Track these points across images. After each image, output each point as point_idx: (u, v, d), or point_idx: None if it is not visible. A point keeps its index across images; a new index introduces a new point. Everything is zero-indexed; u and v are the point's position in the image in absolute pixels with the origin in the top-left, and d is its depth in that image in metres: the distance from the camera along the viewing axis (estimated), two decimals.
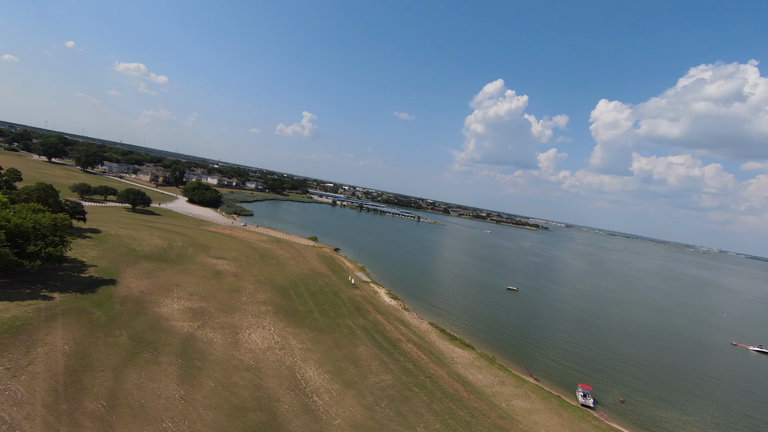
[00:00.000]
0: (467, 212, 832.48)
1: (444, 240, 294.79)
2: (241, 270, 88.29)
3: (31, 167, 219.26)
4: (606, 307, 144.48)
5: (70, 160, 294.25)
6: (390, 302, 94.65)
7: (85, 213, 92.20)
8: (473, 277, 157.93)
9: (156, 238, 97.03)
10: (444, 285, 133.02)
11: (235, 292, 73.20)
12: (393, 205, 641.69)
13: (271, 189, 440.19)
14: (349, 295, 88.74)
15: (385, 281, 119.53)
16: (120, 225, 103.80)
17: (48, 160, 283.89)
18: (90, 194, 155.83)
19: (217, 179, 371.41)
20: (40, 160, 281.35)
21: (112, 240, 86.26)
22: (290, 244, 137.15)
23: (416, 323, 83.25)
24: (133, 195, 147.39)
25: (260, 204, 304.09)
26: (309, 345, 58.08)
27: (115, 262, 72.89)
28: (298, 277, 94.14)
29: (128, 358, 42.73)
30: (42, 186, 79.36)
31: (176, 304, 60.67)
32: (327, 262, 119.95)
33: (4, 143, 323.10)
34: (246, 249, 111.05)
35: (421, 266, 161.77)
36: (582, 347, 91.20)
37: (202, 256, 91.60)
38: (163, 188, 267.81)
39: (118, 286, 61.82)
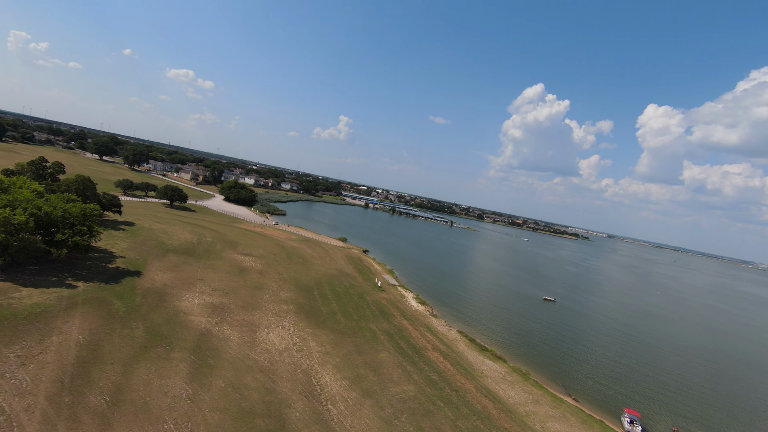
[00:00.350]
0: (502, 219, 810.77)
1: (477, 246, 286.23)
2: (266, 267, 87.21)
3: (83, 164, 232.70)
4: (654, 324, 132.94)
5: (119, 159, 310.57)
6: (417, 307, 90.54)
7: (121, 206, 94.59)
8: (507, 285, 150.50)
9: (187, 232, 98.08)
10: (475, 292, 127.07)
11: (258, 289, 71.75)
12: (426, 209, 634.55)
13: (305, 190, 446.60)
14: (375, 298, 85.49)
15: (414, 285, 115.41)
16: (154, 219, 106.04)
17: (99, 158, 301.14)
18: (132, 190, 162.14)
19: (254, 179, 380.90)
20: (93, 157, 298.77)
21: (144, 233, 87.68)
22: (319, 244, 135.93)
23: (444, 331, 78.69)
24: (171, 191, 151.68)
25: (294, 204, 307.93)
26: (328, 348, 55.19)
27: (143, 254, 73.46)
28: (324, 277, 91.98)
29: (140, 352, 41.40)
30: (80, 178, 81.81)
31: (197, 299, 59.66)
32: (354, 264, 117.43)
33: (62, 142, 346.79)
34: (274, 247, 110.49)
35: (452, 271, 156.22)
36: (627, 367, 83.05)
37: (230, 252, 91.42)
38: (202, 186, 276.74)
39: (142, 278, 61.70)
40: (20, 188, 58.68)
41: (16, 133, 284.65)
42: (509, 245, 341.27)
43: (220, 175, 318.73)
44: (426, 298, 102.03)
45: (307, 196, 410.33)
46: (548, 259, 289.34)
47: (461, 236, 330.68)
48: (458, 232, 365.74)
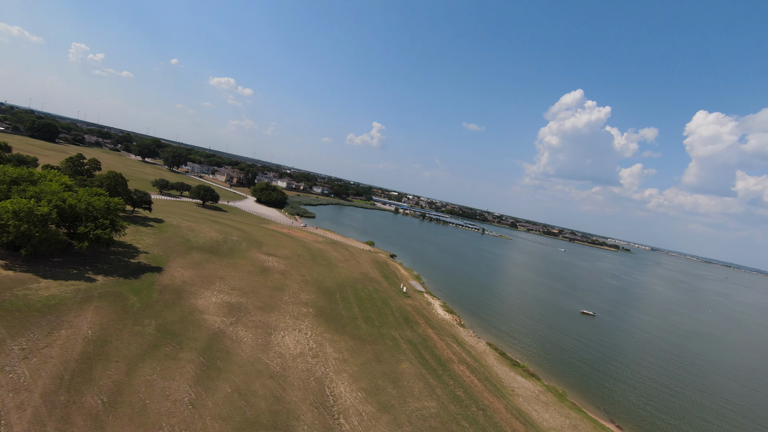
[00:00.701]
0: (537, 228, 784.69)
1: (510, 254, 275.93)
2: (289, 268, 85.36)
3: (125, 164, 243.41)
4: (706, 345, 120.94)
5: (160, 160, 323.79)
6: (444, 315, 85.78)
7: (151, 203, 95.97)
8: (541, 296, 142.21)
9: (213, 231, 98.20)
10: (507, 302, 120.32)
11: (279, 290, 69.65)
12: (457, 216, 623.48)
13: (336, 194, 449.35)
14: (399, 304, 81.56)
15: (441, 293, 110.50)
16: (184, 217, 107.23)
17: (142, 160, 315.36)
18: (168, 189, 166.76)
19: (287, 183, 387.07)
20: (136, 159, 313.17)
21: (171, 230, 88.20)
22: (345, 247, 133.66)
23: (472, 342, 73.58)
24: (203, 191, 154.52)
25: (324, 208, 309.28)
26: (346, 355, 51.83)
27: (167, 250, 73.27)
28: (347, 280, 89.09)
29: (148, 350, 39.61)
30: (112, 174, 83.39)
31: (215, 297, 58.06)
32: (380, 268, 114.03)
33: (110, 144, 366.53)
34: (299, 248, 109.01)
35: (482, 280, 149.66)
36: (678, 393, 74.55)
37: (254, 252, 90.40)
38: (236, 188, 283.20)
39: (162, 274, 60.92)
40: (50, 181, 59.59)
41: (68, 135, 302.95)
42: (544, 255, 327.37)
43: (253, 178, 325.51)
44: (453, 307, 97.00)
45: (337, 200, 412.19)
46: (586, 270, 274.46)
47: (493, 244, 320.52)
48: (490, 240, 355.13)
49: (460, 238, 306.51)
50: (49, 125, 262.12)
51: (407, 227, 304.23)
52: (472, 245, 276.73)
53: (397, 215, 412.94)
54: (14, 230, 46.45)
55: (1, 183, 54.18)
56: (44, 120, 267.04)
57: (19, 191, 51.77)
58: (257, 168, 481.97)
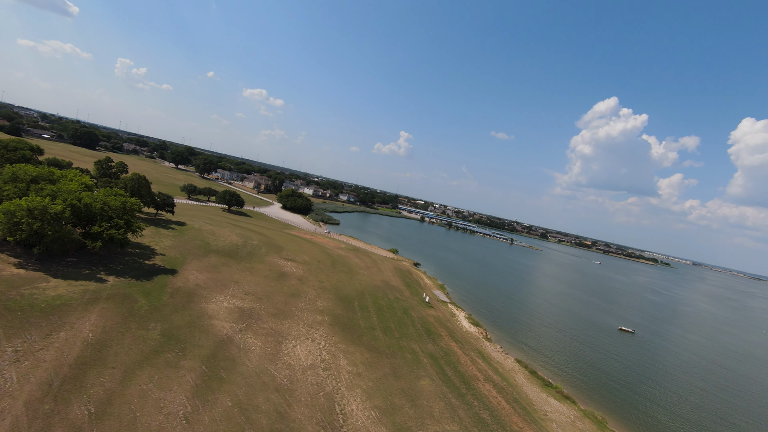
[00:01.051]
0: (568, 239, 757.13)
1: (540, 266, 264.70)
2: (307, 274, 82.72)
3: (159, 170, 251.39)
4: (763, 369, 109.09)
5: (192, 167, 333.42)
6: (469, 328, 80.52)
7: (174, 206, 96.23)
8: (575, 310, 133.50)
9: (234, 235, 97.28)
10: (537, 316, 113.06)
11: (294, 296, 66.87)
12: (485, 225, 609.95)
13: (361, 202, 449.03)
14: (421, 315, 77.09)
15: (466, 304, 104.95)
16: (206, 221, 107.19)
17: (175, 166, 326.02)
18: (195, 194, 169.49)
19: (313, 190, 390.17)
20: (169, 166, 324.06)
21: (191, 233, 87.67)
22: (367, 254, 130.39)
23: (499, 358, 68.08)
24: (229, 196, 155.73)
25: (349, 215, 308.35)
26: (361, 368, 48.01)
27: (184, 253, 72.18)
28: (367, 288, 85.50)
29: (148, 357, 37.27)
30: (135, 176, 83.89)
31: (227, 302, 55.78)
32: (403, 276, 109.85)
33: (146, 152, 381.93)
34: (320, 254, 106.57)
35: (510, 291, 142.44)
36: (733, 425, 66.04)
37: (273, 257, 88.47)
38: (263, 195, 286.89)
39: (176, 277, 59.37)
40: (70, 181, 59.58)
41: (108, 143, 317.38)
42: (577, 267, 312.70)
43: (280, 185, 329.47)
44: (479, 319, 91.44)
45: (363, 207, 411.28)
46: (623, 284, 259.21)
47: (522, 255, 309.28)
48: (519, 251, 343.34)
49: (488, 248, 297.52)
50: (90, 133, 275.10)
51: (433, 236, 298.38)
52: (500, 255, 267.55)
53: (423, 224, 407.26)
54: (27, 228, 45.80)
55: (20, 182, 54.38)
56: (86, 129, 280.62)
57: (36, 190, 51.57)
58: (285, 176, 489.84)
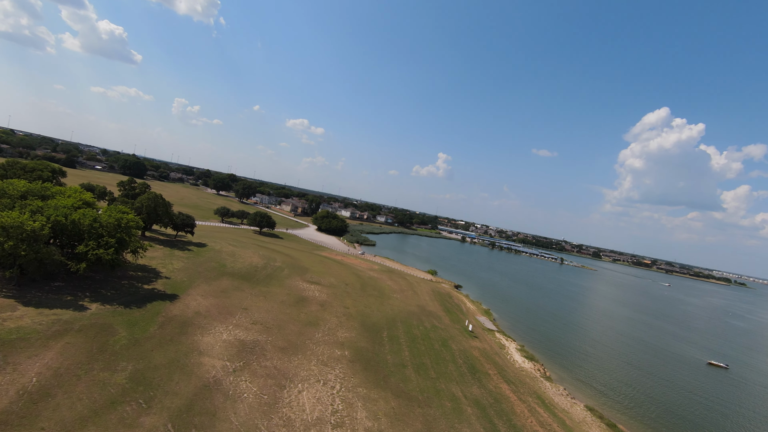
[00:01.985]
0: (624, 258, 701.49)
1: (598, 288, 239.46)
2: (332, 299, 73.08)
3: (200, 196, 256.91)
4: None
5: (233, 193, 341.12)
6: (522, 363, 66.73)
7: (194, 227, 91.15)
8: (648, 339, 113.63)
9: (257, 256, 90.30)
10: (603, 347, 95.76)
11: (312, 325, 57.16)
12: (530, 245, 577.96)
13: (399, 223, 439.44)
14: (463, 347, 64.58)
15: (517, 332, 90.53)
16: (230, 242, 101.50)
17: (216, 192, 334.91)
18: (229, 217, 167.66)
19: (350, 212, 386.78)
20: (211, 192, 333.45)
21: (209, 254, 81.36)
22: (403, 276, 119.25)
23: (564, 404, 54.04)
24: (260, 218, 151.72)
25: (386, 236, 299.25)
26: (384, 424, 36.83)
27: (193, 276, 65.08)
28: (400, 314, 74.33)
29: (99, 411, 28.53)
30: (152, 196, 79.53)
31: (227, 333, 46.98)
32: (441, 300, 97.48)
33: (192, 180, 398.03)
34: (349, 276, 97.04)
35: (567, 317, 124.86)
36: None
37: (295, 279, 79.93)
38: (299, 218, 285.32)
39: (174, 303, 51.70)
40: (69, 197, 54.67)
41: (155, 172, 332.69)
42: (641, 289, 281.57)
43: (317, 207, 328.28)
44: (534, 351, 77.09)
45: (401, 228, 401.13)
46: (698, 308, 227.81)
47: (575, 275, 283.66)
48: (571, 271, 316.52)
49: (536, 269, 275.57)
50: (138, 164, 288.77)
51: (475, 256, 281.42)
52: (551, 276, 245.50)
53: (464, 244, 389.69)
54: None
55: (5, 197, 49.78)
56: (134, 159, 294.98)
57: (22, 206, 46.36)
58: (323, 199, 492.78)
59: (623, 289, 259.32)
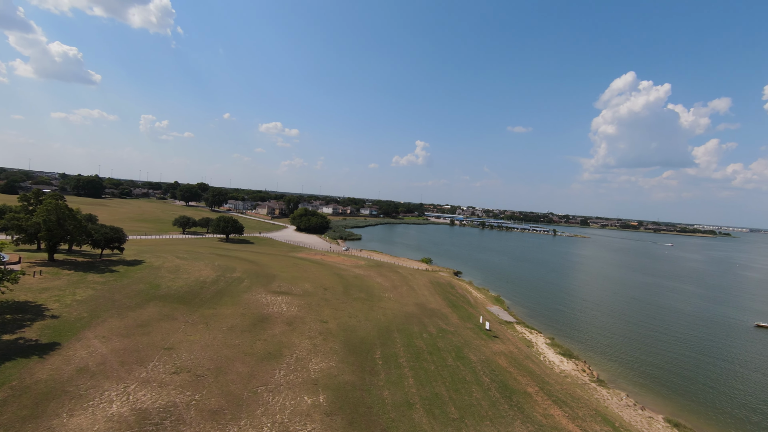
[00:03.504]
0: (611, 223, 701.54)
1: (601, 255, 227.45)
2: (304, 312, 55.71)
3: (164, 209, 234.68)
4: None
5: (203, 203, 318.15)
6: (561, 364, 50.85)
7: (123, 241, 72.33)
8: (680, 307, 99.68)
9: (208, 268, 72.08)
10: (636, 324, 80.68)
11: (271, 359, 39.76)
12: (519, 221, 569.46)
13: (385, 214, 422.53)
14: (485, 355, 48.20)
15: (539, 320, 74.94)
16: (178, 255, 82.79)
17: (185, 204, 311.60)
18: (190, 227, 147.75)
19: (333, 208, 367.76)
20: (180, 204, 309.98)
21: (139, 274, 62.76)
22: (394, 269, 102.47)
23: (639, 422, 38.40)
24: (224, 224, 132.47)
25: (372, 228, 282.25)
26: None
27: (100, 308, 46.71)
28: (396, 319, 57.53)
29: None
30: (53, 206, 60.01)
31: (121, 401, 29.20)
32: (443, 293, 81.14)
33: (159, 194, 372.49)
34: (328, 278, 79.71)
35: (583, 292, 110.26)
36: None
37: (256, 292, 62.17)
38: (277, 220, 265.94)
39: (47, 358, 33.61)
40: None
41: (116, 190, 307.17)
42: (643, 251, 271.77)
43: (296, 207, 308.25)
44: (568, 343, 61.48)
45: (387, 219, 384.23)
46: (703, 263, 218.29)
47: (572, 245, 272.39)
48: (565, 241, 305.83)
49: (532, 243, 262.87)
50: (93, 182, 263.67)
51: (467, 238, 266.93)
52: (549, 249, 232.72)
53: (453, 227, 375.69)
54: None
55: None
56: (88, 178, 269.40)
57: None
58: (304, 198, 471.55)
59: (626, 253, 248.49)
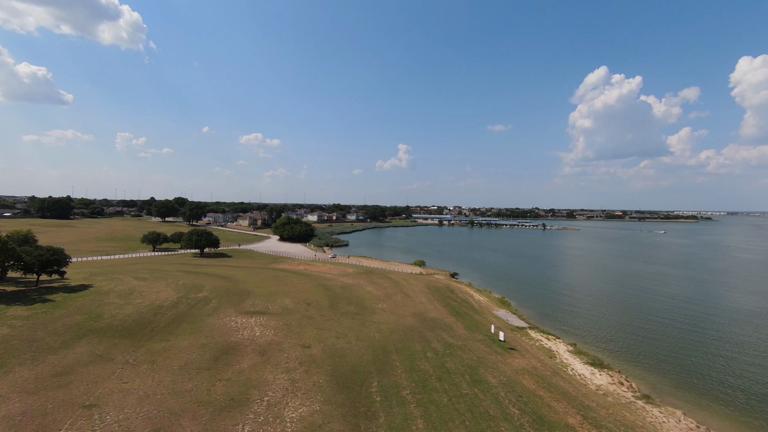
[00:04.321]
0: (596, 214, 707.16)
1: (597, 247, 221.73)
2: (282, 335, 45.85)
3: (138, 227, 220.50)
4: None
5: (181, 218, 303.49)
6: (593, 377, 42.14)
7: (64, 264, 61.25)
8: (699, 298, 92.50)
9: (170, 289, 61.53)
10: (660, 320, 72.78)
11: (235, 406, 29.89)
12: (507, 217, 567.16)
13: (372, 218, 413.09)
14: (506, 375, 39.12)
15: (551, 322, 66.42)
16: (137, 275, 71.86)
17: (162, 220, 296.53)
18: (160, 243, 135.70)
19: (317, 216, 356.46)
20: (155, 220, 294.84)
21: (78, 303, 51.91)
22: (386, 275, 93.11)
23: None
24: (196, 237, 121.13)
25: (359, 234, 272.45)
26: None
27: (5, 355, 36.06)
28: (393, 335, 48.12)
29: None
30: None
31: None
32: (443, 298, 72.08)
33: (134, 211, 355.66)
34: (312, 291, 69.87)
35: (589, 286, 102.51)
36: None
37: (224, 314, 52.01)
38: (260, 230, 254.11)
39: None
40: None
41: (86, 209, 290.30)
42: (637, 240, 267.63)
43: (278, 217, 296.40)
44: (589, 347, 52.98)
45: (374, 223, 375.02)
46: (697, 248, 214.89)
47: (564, 238, 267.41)
48: (556, 234, 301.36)
49: (523, 238, 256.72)
50: (60, 203, 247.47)
51: (458, 237, 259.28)
52: (542, 243, 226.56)
53: (442, 227, 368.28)
54: None
55: None
56: (55, 199, 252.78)
57: None
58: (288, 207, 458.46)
59: (621, 243, 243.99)
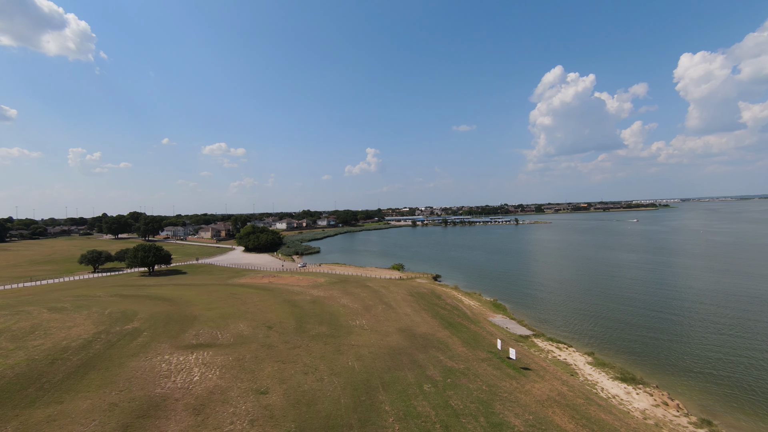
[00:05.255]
0: (562, 207, 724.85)
1: (573, 238, 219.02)
2: (230, 377, 34.28)
3: (85, 246, 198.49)
4: None
5: (136, 233, 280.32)
6: (636, 400, 33.25)
7: None
8: (700, 286, 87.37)
9: (89, 322, 48.34)
10: (665, 314, 66.12)
11: None
12: (479, 215, 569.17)
13: (344, 222, 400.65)
14: (530, 410, 29.40)
15: (556, 326, 57.78)
16: (55, 304, 57.68)
17: (115, 237, 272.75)
18: (102, 262, 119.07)
19: (287, 223, 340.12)
20: (107, 238, 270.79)
21: None
22: (362, 283, 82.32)
23: None
24: (143, 254, 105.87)
25: (332, 239, 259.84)
26: None
27: None
28: (377, 363, 37.56)
29: None
30: None
31: None
32: (430, 307, 62.11)
33: (84, 229, 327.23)
34: (275, 310, 58.16)
35: (581, 280, 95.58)
36: None
37: (155, 351, 39.74)
38: (223, 242, 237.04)
39: None
40: None
41: (26, 230, 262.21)
42: (613, 230, 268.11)
43: (243, 226, 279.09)
44: (607, 355, 44.43)
45: (346, 228, 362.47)
46: (670, 234, 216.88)
47: (539, 232, 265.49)
48: (530, 228, 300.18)
49: (499, 234, 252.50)
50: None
51: (433, 237, 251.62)
52: (519, 238, 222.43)
53: (416, 228, 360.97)
54: None
55: None
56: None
57: None
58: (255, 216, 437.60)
59: (596, 233, 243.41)
